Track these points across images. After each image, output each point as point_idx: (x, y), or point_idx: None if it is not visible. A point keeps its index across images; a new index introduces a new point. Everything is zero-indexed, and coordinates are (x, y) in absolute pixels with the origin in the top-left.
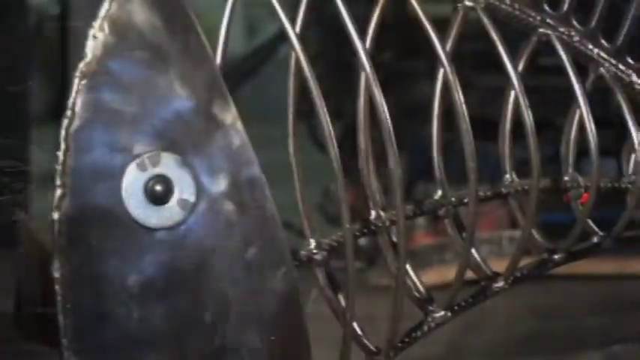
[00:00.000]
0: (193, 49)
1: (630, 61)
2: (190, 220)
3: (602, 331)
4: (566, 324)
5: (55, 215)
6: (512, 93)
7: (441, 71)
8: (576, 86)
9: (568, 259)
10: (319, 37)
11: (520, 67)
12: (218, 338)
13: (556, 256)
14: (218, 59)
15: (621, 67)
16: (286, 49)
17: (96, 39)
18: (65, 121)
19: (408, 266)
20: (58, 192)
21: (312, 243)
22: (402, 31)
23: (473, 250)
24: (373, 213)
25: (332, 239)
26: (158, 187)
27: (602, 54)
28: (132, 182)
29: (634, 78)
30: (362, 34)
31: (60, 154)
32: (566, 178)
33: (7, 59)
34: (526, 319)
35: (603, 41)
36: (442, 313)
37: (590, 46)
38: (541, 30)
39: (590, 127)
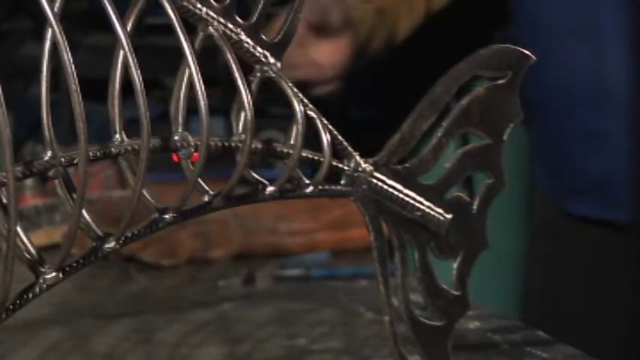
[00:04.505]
0: None
1: (239, 19)
2: None
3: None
4: (178, 281)
5: None
6: (121, 52)
7: (50, 31)
8: (185, 45)
9: (179, 219)
10: None
11: (129, 26)
12: None
13: (167, 216)
14: None
15: (230, 25)
16: None
17: None
18: None
19: (18, 228)
20: None
21: None
22: None
23: (83, 211)
24: None
25: None
26: None
27: (211, 13)
28: None
29: (242, 36)
30: None
31: None
32: (176, 138)
33: None
34: (138, 279)
35: (212, 0)
36: (54, 274)
37: (199, 5)
38: None
39: (200, 86)
